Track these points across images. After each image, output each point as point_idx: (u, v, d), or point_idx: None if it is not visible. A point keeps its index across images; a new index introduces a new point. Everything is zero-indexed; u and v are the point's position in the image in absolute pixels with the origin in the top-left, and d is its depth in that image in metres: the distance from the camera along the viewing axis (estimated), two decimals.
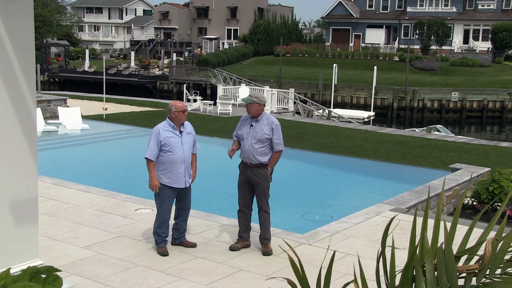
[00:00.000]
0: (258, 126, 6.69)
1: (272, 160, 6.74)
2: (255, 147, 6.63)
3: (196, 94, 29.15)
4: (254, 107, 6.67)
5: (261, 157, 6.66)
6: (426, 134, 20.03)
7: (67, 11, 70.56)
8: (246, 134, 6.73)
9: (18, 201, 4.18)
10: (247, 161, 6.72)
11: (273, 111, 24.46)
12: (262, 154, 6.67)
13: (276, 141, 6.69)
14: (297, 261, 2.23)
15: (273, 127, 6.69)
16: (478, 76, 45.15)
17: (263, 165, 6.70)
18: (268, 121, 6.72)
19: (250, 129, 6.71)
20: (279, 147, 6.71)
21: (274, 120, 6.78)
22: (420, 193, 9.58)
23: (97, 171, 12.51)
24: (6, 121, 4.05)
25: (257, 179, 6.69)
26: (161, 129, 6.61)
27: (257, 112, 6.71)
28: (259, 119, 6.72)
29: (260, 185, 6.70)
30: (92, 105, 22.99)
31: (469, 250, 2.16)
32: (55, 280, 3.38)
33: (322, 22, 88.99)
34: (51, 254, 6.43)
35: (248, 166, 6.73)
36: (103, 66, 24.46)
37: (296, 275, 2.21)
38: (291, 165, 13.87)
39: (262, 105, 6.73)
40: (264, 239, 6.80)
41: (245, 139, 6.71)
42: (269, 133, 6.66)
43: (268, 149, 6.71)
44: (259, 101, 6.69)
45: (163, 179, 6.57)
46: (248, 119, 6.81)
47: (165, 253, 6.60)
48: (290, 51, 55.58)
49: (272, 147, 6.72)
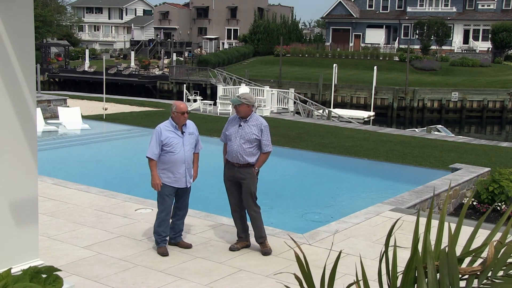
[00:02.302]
0: (247, 126, 6.67)
1: (260, 160, 6.72)
2: (243, 147, 6.61)
3: (196, 94, 29.14)
4: (243, 108, 6.66)
5: (248, 158, 6.64)
6: (426, 134, 20.02)
7: (67, 11, 70.51)
8: (234, 134, 6.70)
9: (18, 201, 4.17)
10: (234, 161, 6.69)
11: (273, 111, 24.45)
12: (250, 154, 6.65)
13: (265, 142, 6.68)
14: (302, 258, 2.23)
15: (262, 128, 6.67)
16: (478, 76, 45.15)
17: (250, 165, 6.68)
18: (257, 122, 6.70)
19: (239, 129, 6.70)
20: (267, 148, 6.71)
21: (263, 121, 6.76)
22: (420, 193, 9.57)
23: (97, 171, 12.51)
24: (6, 121, 4.05)
25: (244, 178, 6.64)
26: (162, 128, 6.62)
27: (246, 113, 6.69)
28: (247, 120, 6.71)
29: (246, 184, 6.65)
30: (92, 105, 22.99)
31: (472, 252, 2.16)
32: (56, 280, 3.38)
33: (322, 22, 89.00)
34: (51, 254, 6.43)
35: (235, 166, 6.71)
36: (103, 66, 24.46)
37: (302, 272, 2.21)
38: (291, 165, 13.87)
39: (251, 106, 6.72)
40: (260, 237, 6.77)
41: (233, 139, 6.69)
42: (258, 134, 6.64)
43: (256, 150, 6.69)
44: (248, 102, 6.67)
45: (163, 178, 6.59)
46: (236, 119, 6.80)
47: (165, 253, 6.59)
48: (290, 51, 55.56)
49: (260, 148, 6.71)
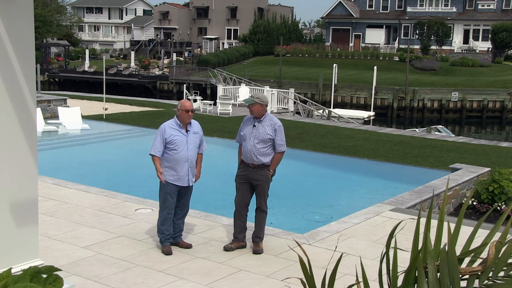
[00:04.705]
0: (261, 126, 6.70)
1: (274, 161, 6.74)
2: (257, 147, 6.64)
3: (196, 94, 29.15)
4: (256, 107, 6.68)
5: (263, 158, 6.67)
6: (426, 134, 20.01)
7: (67, 11, 70.45)
8: (248, 134, 6.74)
9: (18, 201, 4.17)
10: (249, 161, 6.72)
11: (273, 111, 24.45)
12: (264, 154, 6.67)
13: (279, 142, 6.70)
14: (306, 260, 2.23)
15: (276, 128, 6.69)
16: (478, 76, 45.14)
17: (265, 166, 6.70)
18: (271, 122, 6.73)
19: (253, 129, 6.72)
20: (281, 148, 6.72)
21: (277, 121, 6.78)
22: (420, 193, 9.57)
23: (97, 171, 12.50)
24: (6, 121, 4.05)
25: (259, 180, 6.71)
26: (167, 126, 6.66)
27: (260, 113, 6.71)
28: (261, 120, 6.73)
29: (261, 186, 6.72)
30: (92, 105, 22.98)
31: (472, 252, 2.16)
32: (56, 280, 3.37)
33: (322, 22, 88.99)
34: (51, 254, 6.43)
35: (249, 167, 6.74)
36: (103, 66, 24.47)
37: (304, 274, 2.21)
38: (291, 165, 13.86)
39: (264, 106, 6.73)
40: (257, 237, 6.81)
41: (248, 139, 6.72)
42: (272, 134, 6.67)
43: (270, 150, 6.71)
44: (261, 101, 6.69)
45: (166, 176, 6.62)
46: (251, 119, 6.82)
47: (169, 252, 6.61)
48: (290, 51, 55.54)
49: (274, 148, 6.73)
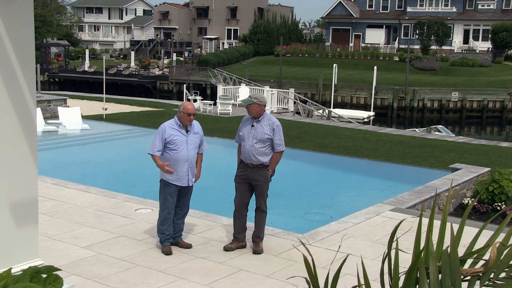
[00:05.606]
0: (259, 126, 6.71)
1: (273, 161, 6.75)
2: (256, 147, 6.64)
3: (196, 94, 29.15)
4: (254, 107, 6.69)
5: (261, 157, 6.67)
6: (426, 134, 20.01)
7: (67, 11, 70.47)
8: (247, 134, 6.74)
9: (18, 201, 4.17)
10: (248, 161, 6.73)
11: (273, 111, 24.45)
12: (263, 154, 6.68)
13: (278, 141, 6.70)
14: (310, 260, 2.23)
15: (274, 127, 6.70)
16: (478, 76, 45.15)
17: (264, 166, 6.70)
18: (269, 121, 6.74)
19: (251, 129, 6.73)
20: (280, 147, 6.72)
21: (275, 120, 6.79)
22: (420, 193, 9.57)
23: (97, 171, 12.50)
24: (6, 121, 4.04)
25: (258, 180, 6.71)
26: (167, 126, 6.67)
27: (258, 113, 6.72)
28: (260, 120, 6.74)
29: (260, 186, 6.72)
30: (92, 105, 22.98)
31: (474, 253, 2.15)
32: (56, 280, 3.37)
33: (322, 22, 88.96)
34: (51, 254, 6.43)
35: (249, 167, 6.74)
36: (103, 66, 24.47)
37: (309, 274, 2.21)
38: (291, 165, 13.85)
39: (263, 106, 6.74)
40: (257, 237, 6.82)
41: (246, 139, 6.73)
42: (270, 134, 6.67)
43: (269, 150, 6.71)
44: (259, 101, 6.70)
45: (166, 176, 6.61)
46: (249, 119, 6.84)
47: (169, 252, 6.61)
48: (290, 51, 55.55)
49: (273, 147, 6.73)
